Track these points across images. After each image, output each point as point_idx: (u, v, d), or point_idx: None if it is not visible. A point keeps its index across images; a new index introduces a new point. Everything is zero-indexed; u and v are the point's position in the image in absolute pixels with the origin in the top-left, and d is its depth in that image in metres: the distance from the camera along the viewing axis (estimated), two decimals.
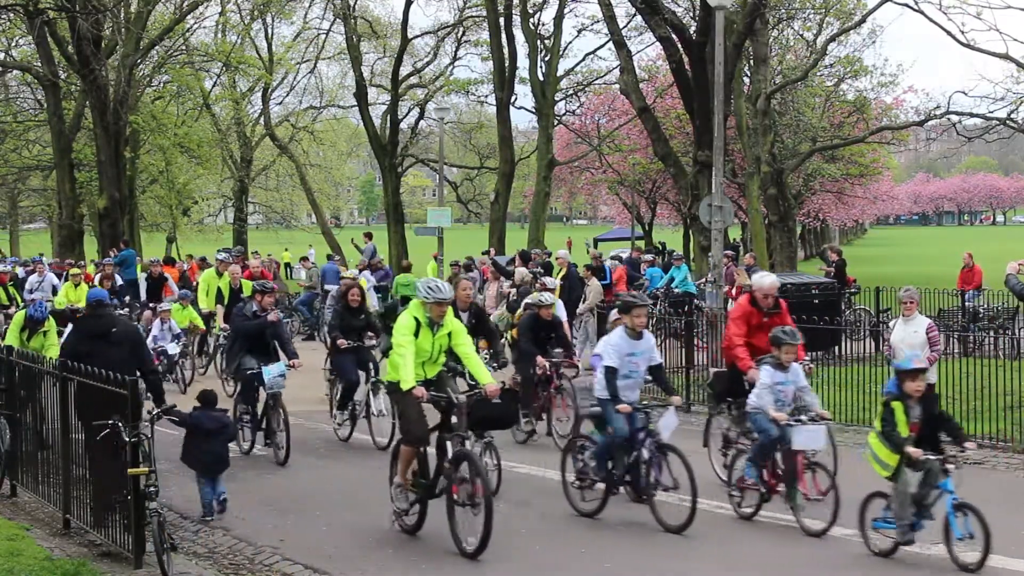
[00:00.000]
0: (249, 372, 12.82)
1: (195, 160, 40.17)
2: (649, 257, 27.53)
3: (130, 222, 35.50)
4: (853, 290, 24.86)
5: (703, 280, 22.27)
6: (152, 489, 8.53)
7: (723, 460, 10.90)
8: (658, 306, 20.84)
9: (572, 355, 14.22)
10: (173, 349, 17.38)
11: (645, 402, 10.17)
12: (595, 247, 43.68)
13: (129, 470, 8.54)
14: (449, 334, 9.49)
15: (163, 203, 43.91)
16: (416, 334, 9.31)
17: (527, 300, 15.11)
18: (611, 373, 9.85)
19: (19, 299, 21.80)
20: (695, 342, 17.34)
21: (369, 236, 33.36)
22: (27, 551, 8.84)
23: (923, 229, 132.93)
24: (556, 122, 41.68)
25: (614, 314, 11.21)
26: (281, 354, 13.13)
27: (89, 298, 11.14)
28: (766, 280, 11.39)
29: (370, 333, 14.16)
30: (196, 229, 52.38)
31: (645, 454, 9.58)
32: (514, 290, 19.76)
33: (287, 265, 48.27)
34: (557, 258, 22.30)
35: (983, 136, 33.03)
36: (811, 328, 15.59)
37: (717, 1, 18.52)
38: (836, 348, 17.47)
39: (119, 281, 23.23)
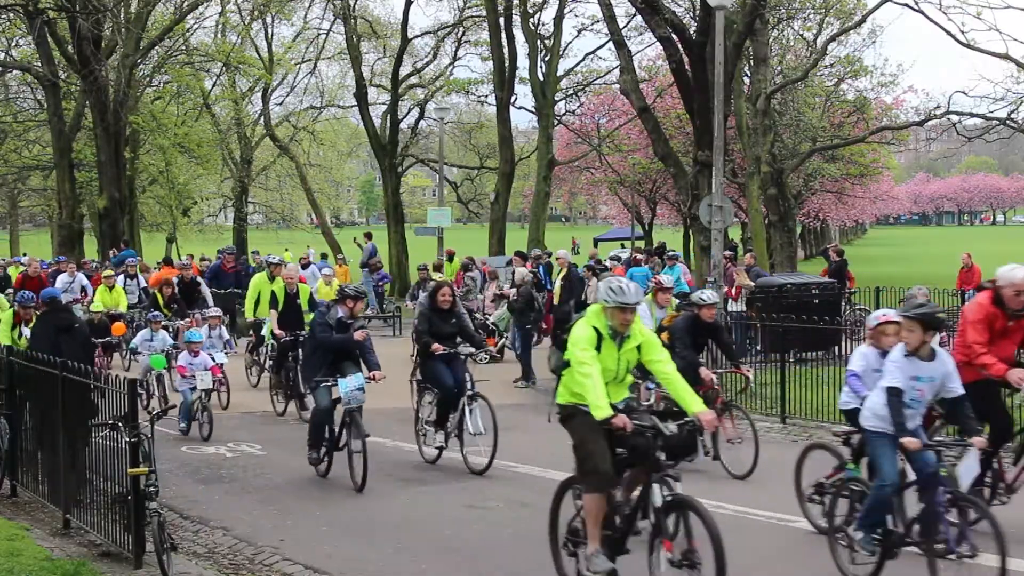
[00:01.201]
0: (323, 384, 11.75)
1: (195, 160, 40.16)
2: (639, 256, 27.44)
3: (130, 222, 35.49)
4: (852, 290, 24.86)
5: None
6: (152, 489, 8.53)
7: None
8: None
9: (739, 365, 12.36)
10: (222, 358, 15.63)
11: (940, 438, 8.07)
12: (595, 247, 43.75)
13: (129, 470, 8.55)
14: (638, 347, 7.64)
15: (163, 203, 43.92)
16: (598, 348, 7.48)
17: (685, 300, 13.58)
18: (896, 396, 7.45)
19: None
20: None
21: (369, 236, 33.39)
22: (27, 551, 8.84)
23: (923, 229, 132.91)
24: (556, 122, 41.67)
25: (873, 319, 8.75)
26: (362, 365, 11.95)
27: (46, 295, 12.57)
28: (1018, 274, 8.83)
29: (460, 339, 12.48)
30: (196, 229, 52.36)
31: (939, 505, 7.32)
32: (514, 291, 19.78)
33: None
34: (558, 258, 22.29)
35: (983, 136, 33.06)
36: (811, 328, 15.66)
37: (717, 1, 18.53)
38: (836, 348, 17.48)
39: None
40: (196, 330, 16.00)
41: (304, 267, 23.60)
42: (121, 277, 22.02)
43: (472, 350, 12.50)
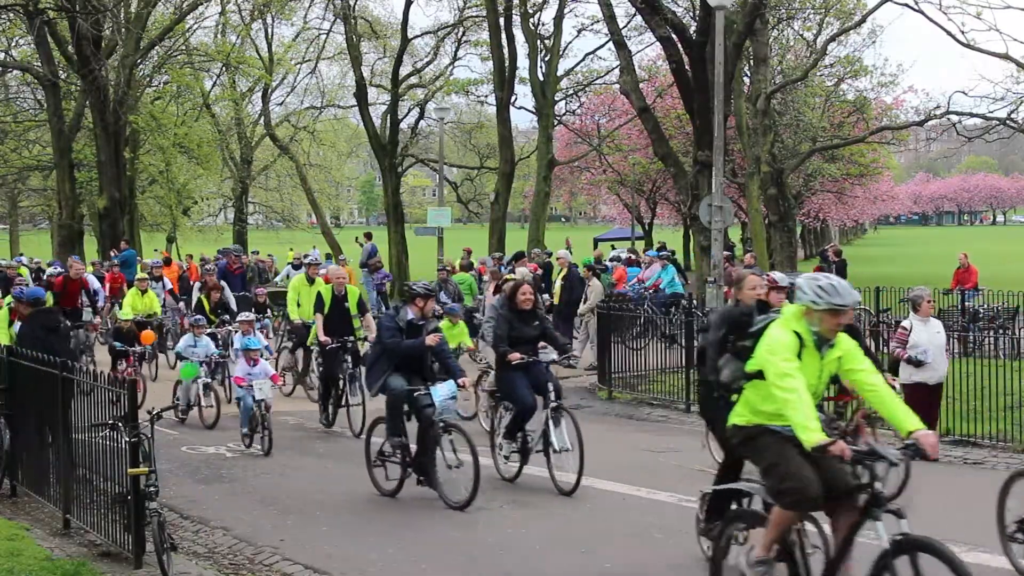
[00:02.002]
0: (404, 393, 10.58)
1: (195, 160, 40.17)
2: (625, 255, 27.46)
3: (130, 222, 35.48)
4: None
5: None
6: (152, 489, 8.52)
7: None
8: (645, 306, 20.73)
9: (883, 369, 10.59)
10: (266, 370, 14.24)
11: None
12: (595, 247, 43.77)
13: (129, 470, 8.55)
14: (839, 358, 6.52)
15: (163, 203, 43.91)
16: (799, 356, 6.42)
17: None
18: None
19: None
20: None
21: (368, 236, 33.36)
22: (27, 551, 8.83)
23: (923, 229, 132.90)
24: (556, 122, 41.65)
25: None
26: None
27: (31, 296, 12.98)
28: None
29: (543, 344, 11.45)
30: (196, 229, 52.37)
31: None
32: None
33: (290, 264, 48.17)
34: (558, 258, 22.29)
35: (983, 136, 33.05)
36: None
37: (717, 1, 18.54)
38: None
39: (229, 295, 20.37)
40: (254, 336, 14.88)
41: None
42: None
43: (556, 356, 11.43)
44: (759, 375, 6.57)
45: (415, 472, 10.60)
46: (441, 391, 10.45)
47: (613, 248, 41.45)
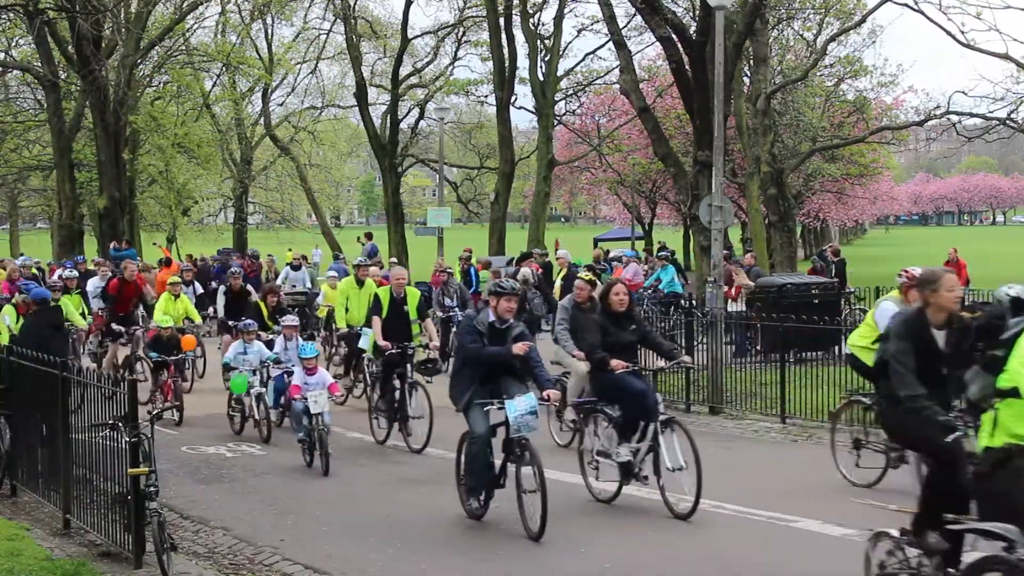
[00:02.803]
0: (486, 436, 9.46)
1: (195, 160, 40.17)
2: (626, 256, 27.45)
3: (130, 222, 35.51)
4: (852, 290, 24.87)
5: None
6: (152, 489, 8.52)
7: None
8: (644, 306, 20.73)
9: None
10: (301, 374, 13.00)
11: None
12: (595, 247, 43.73)
13: (129, 470, 8.55)
14: None
15: (163, 203, 43.90)
16: None
17: None
18: None
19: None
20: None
21: (369, 236, 33.36)
22: (27, 551, 8.84)
23: (923, 229, 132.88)
24: (556, 122, 41.68)
25: None
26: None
27: (36, 296, 13.26)
28: None
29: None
30: (196, 229, 52.36)
31: None
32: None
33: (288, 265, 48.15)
34: (558, 258, 22.29)
35: (983, 136, 33.09)
36: (811, 328, 15.66)
37: (717, 1, 18.50)
38: (836, 348, 17.46)
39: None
40: (311, 343, 13.62)
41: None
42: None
43: (664, 363, 10.27)
44: (1014, 392, 5.64)
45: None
46: (518, 405, 9.23)
47: (595, 246, 41.54)
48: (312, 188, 47.60)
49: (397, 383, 13.25)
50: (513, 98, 38.45)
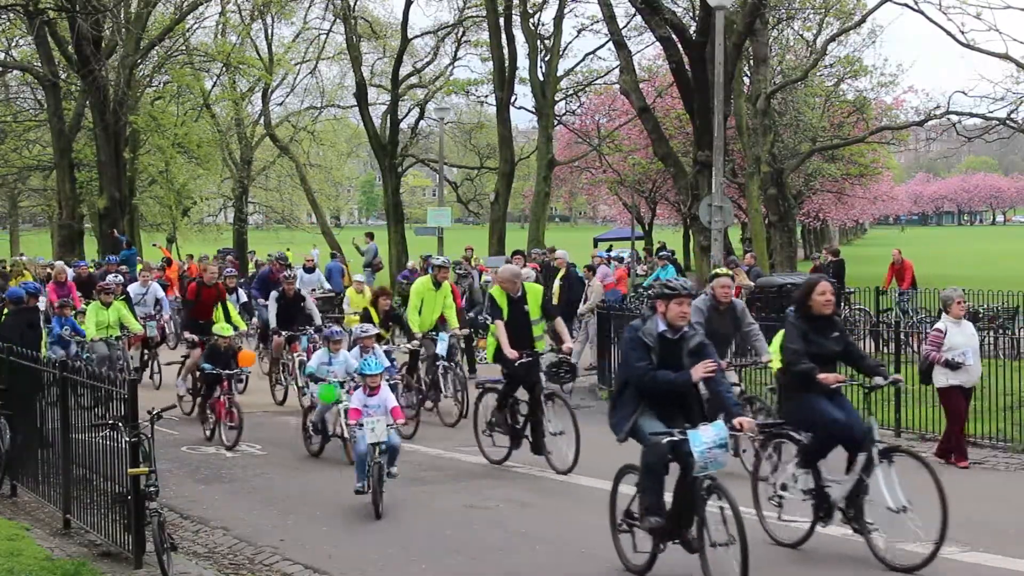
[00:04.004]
0: (668, 447, 7.71)
1: (195, 160, 40.17)
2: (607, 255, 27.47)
3: (130, 222, 35.50)
4: (851, 290, 24.89)
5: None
6: (152, 489, 8.52)
7: None
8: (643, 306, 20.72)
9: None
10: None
11: None
12: (595, 247, 43.74)
13: (129, 470, 8.55)
14: None
15: (163, 203, 43.88)
16: None
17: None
18: None
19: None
20: None
21: (371, 236, 33.35)
22: (27, 551, 8.84)
23: (923, 229, 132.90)
24: (556, 122, 41.66)
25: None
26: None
27: (12, 296, 13.41)
28: None
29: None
30: (196, 229, 52.35)
31: None
32: None
33: (288, 266, 48.12)
34: (557, 258, 22.27)
35: (983, 136, 33.08)
36: None
37: (717, 1, 18.54)
38: None
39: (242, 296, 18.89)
40: (373, 356, 11.30)
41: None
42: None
43: (881, 381, 8.44)
44: None
45: (680, 543, 7.79)
46: (704, 436, 7.52)
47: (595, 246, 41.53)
48: (312, 188, 47.54)
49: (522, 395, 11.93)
50: (513, 98, 38.45)
